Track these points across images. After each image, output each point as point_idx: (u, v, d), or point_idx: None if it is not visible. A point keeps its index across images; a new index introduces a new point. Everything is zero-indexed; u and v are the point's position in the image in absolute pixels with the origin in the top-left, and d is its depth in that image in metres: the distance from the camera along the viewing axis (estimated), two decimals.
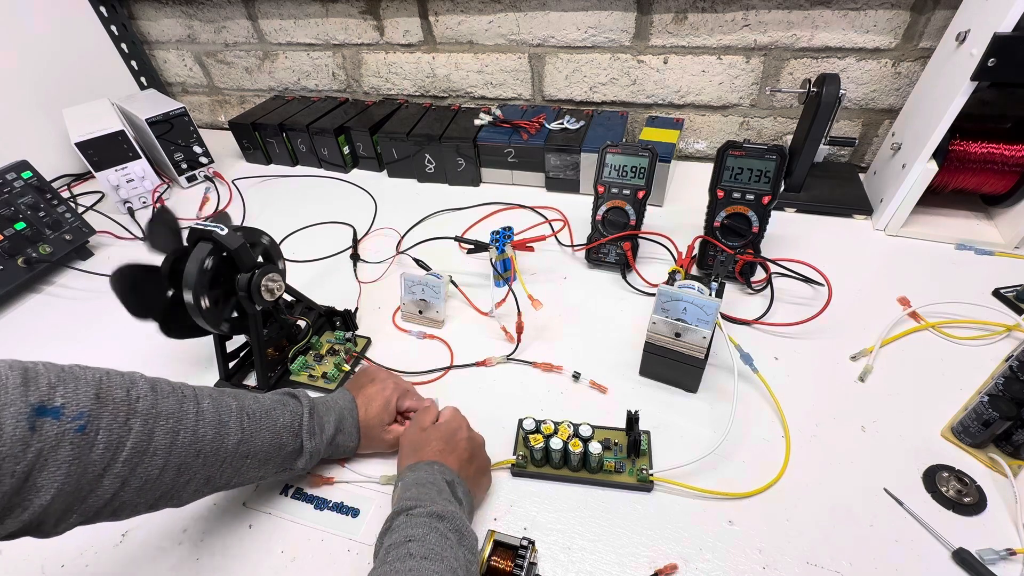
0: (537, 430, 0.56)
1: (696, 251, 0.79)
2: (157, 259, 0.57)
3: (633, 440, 0.54)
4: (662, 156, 0.80)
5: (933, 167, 0.76)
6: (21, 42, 1.11)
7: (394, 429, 0.58)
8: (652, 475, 0.54)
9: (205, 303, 0.57)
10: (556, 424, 0.56)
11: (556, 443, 0.54)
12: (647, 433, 0.58)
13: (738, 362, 0.60)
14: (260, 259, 0.63)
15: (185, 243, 0.59)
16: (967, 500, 0.50)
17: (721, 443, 0.54)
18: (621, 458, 0.56)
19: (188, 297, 0.56)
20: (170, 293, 0.58)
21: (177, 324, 0.60)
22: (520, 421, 0.58)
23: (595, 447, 0.53)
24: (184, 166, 1.14)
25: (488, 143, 1.01)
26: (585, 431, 0.55)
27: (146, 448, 0.39)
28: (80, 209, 1.09)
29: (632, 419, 0.54)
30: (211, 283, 0.57)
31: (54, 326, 0.83)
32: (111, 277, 0.53)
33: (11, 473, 0.33)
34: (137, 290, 0.56)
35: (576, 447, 0.53)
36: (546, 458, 0.56)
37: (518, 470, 0.56)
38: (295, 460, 0.52)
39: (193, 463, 0.43)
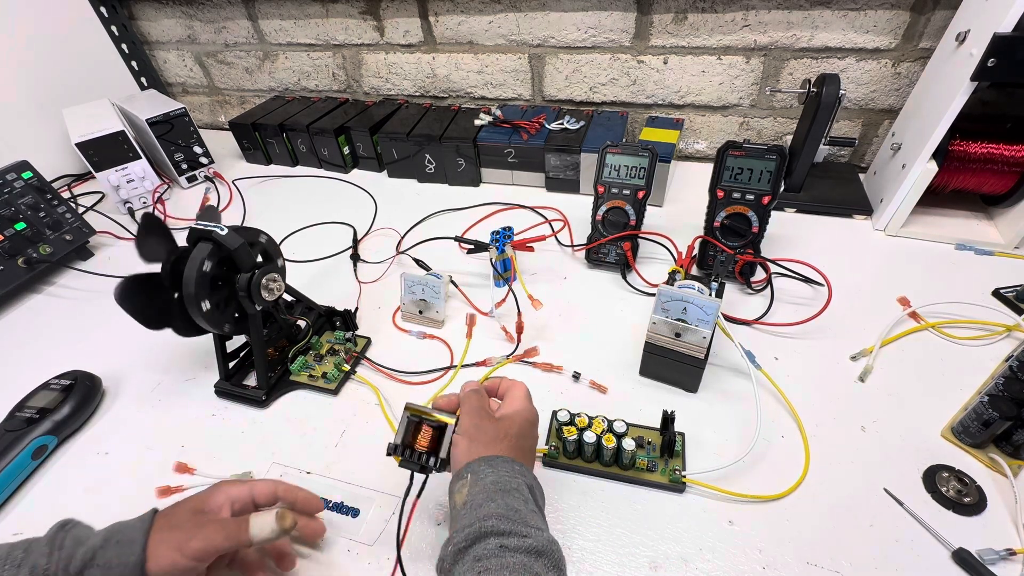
0: (571, 422, 0.56)
1: (696, 251, 0.79)
2: (156, 266, 0.58)
3: (668, 440, 0.54)
4: (662, 156, 0.80)
5: (933, 167, 0.76)
6: (21, 42, 1.11)
7: (211, 520, 0.43)
8: (685, 476, 0.54)
9: (205, 306, 0.57)
10: (591, 418, 0.56)
11: (590, 436, 0.54)
12: (682, 434, 0.57)
13: (750, 366, 0.59)
14: (259, 258, 0.63)
15: (186, 243, 0.59)
16: (967, 500, 0.50)
17: (752, 448, 0.54)
18: (654, 457, 0.56)
19: (188, 301, 0.56)
20: (176, 295, 0.58)
21: (190, 323, 0.60)
22: (554, 412, 0.58)
23: (628, 444, 0.53)
24: (184, 166, 1.14)
25: (488, 143, 1.01)
26: (620, 427, 0.55)
27: None
28: (80, 209, 1.09)
29: (668, 419, 0.54)
30: (212, 285, 0.57)
31: (54, 326, 0.83)
32: (116, 295, 0.54)
33: None
34: (144, 302, 0.56)
35: (609, 442, 0.53)
36: (578, 451, 0.56)
37: (550, 460, 0.57)
38: None
39: None
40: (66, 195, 1.15)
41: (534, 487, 0.43)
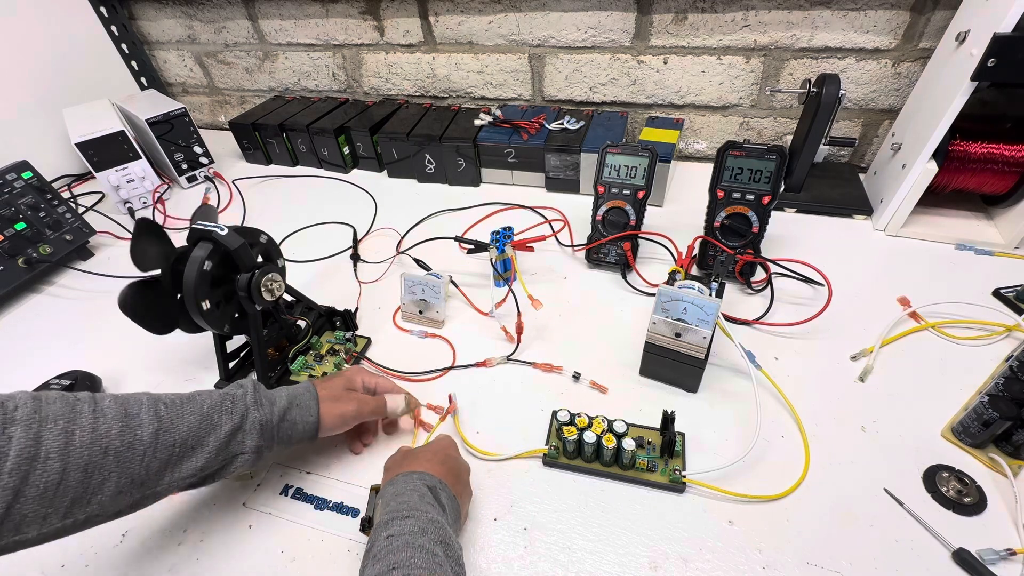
0: (571, 422, 0.56)
1: (696, 251, 0.79)
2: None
3: (668, 440, 0.54)
4: (662, 156, 0.80)
5: (933, 167, 0.76)
6: (21, 42, 1.11)
7: (357, 396, 0.57)
8: (685, 476, 0.54)
9: (206, 305, 0.57)
10: (591, 418, 0.56)
11: (590, 437, 0.54)
12: (682, 434, 0.57)
13: (750, 366, 0.59)
14: (259, 259, 0.62)
15: (186, 243, 0.59)
16: (967, 500, 0.50)
17: (752, 448, 0.54)
18: (654, 457, 0.56)
19: (188, 301, 0.56)
20: (179, 296, 0.58)
21: (193, 322, 0.60)
22: (554, 412, 0.58)
23: (628, 444, 0.53)
24: (184, 166, 1.14)
25: (488, 143, 1.01)
26: (620, 427, 0.55)
27: (35, 454, 0.37)
28: (80, 209, 1.09)
29: (668, 419, 0.54)
30: (212, 284, 0.57)
31: (54, 326, 0.83)
32: (120, 305, 0.54)
33: None
34: (148, 308, 0.56)
35: (609, 442, 0.53)
36: (578, 451, 0.56)
37: (550, 460, 0.57)
38: (242, 439, 0.48)
39: (103, 462, 0.40)
40: (66, 195, 1.15)
41: (437, 488, 0.47)
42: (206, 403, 0.47)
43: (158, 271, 0.57)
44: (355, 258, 0.90)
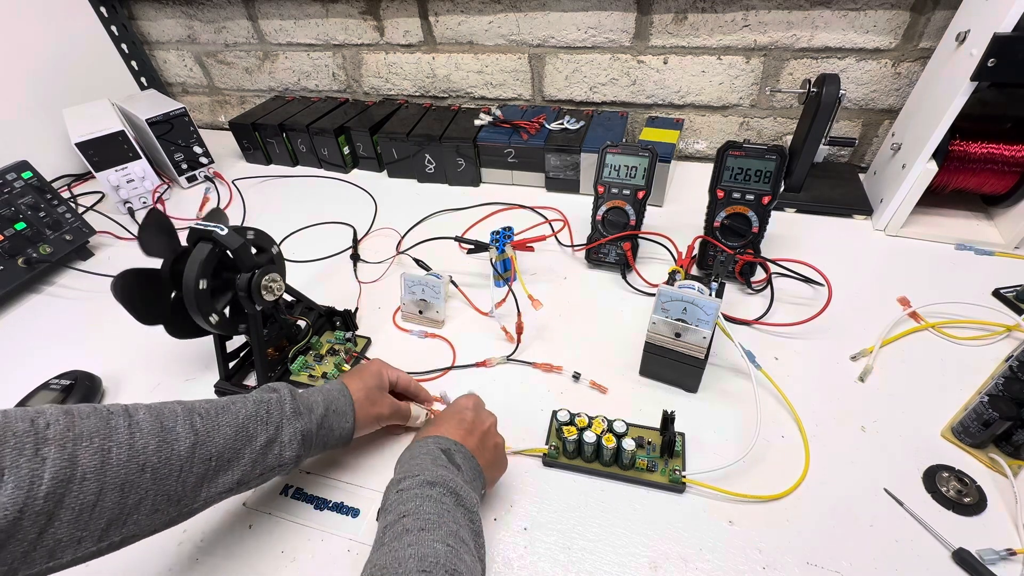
0: (571, 422, 0.56)
1: (696, 251, 0.79)
2: (157, 263, 0.58)
3: (668, 440, 0.54)
4: (662, 156, 0.80)
5: (933, 167, 0.76)
6: (21, 42, 1.11)
7: (390, 399, 0.58)
8: (685, 476, 0.54)
9: (203, 284, 0.56)
10: (591, 418, 0.56)
11: (590, 436, 0.54)
12: (682, 434, 0.57)
13: (750, 366, 0.59)
14: (252, 250, 0.62)
15: (185, 243, 0.59)
16: (967, 500, 0.50)
17: (752, 448, 0.54)
18: (654, 457, 0.56)
19: (188, 301, 0.56)
20: (173, 295, 0.58)
21: (183, 324, 0.60)
22: (554, 412, 0.58)
23: (628, 444, 0.53)
24: (184, 166, 1.14)
25: (488, 143, 1.01)
26: (619, 427, 0.55)
27: (70, 475, 0.35)
28: (80, 209, 1.09)
29: (668, 419, 0.54)
30: (212, 274, 0.57)
31: (54, 326, 0.83)
32: (113, 286, 0.54)
33: None
34: (140, 297, 0.56)
35: (609, 442, 0.53)
36: (578, 451, 0.56)
37: (550, 460, 0.57)
38: (280, 451, 0.47)
39: (139, 480, 0.38)
40: (66, 195, 1.15)
41: (451, 449, 0.48)
42: (241, 413, 0.46)
43: (157, 265, 0.57)
44: (355, 258, 0.90)
